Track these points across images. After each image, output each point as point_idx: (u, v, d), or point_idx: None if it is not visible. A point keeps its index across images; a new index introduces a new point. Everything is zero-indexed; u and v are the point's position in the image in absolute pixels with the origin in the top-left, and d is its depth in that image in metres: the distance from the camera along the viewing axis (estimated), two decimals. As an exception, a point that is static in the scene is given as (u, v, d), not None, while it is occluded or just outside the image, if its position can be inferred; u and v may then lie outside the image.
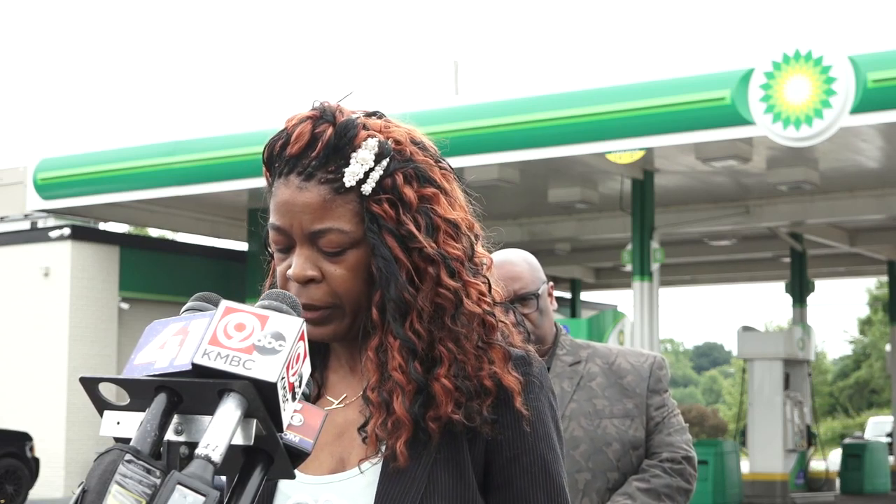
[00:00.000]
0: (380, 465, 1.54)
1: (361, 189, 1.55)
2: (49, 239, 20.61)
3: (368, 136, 1.56)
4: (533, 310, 3.11)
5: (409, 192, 1.57)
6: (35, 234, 21.56)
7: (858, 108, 12.31)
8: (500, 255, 3.16)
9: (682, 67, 13.62)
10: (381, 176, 1.55)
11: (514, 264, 3.16)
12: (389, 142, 1.58)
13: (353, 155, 1.55)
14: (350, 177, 1.54)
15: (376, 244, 1.55)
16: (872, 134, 13.97)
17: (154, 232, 28.78)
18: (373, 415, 1.54)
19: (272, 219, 1.58)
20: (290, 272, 1.56)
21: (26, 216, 25.17)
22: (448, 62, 18.64)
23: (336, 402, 1.62)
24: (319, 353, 1.66)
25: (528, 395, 1.59)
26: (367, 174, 1.55)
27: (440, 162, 1.64)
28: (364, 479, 1.54)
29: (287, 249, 1.59)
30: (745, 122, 12.85)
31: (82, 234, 20.70)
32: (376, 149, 1.55)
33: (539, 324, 3.12)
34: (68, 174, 17.84)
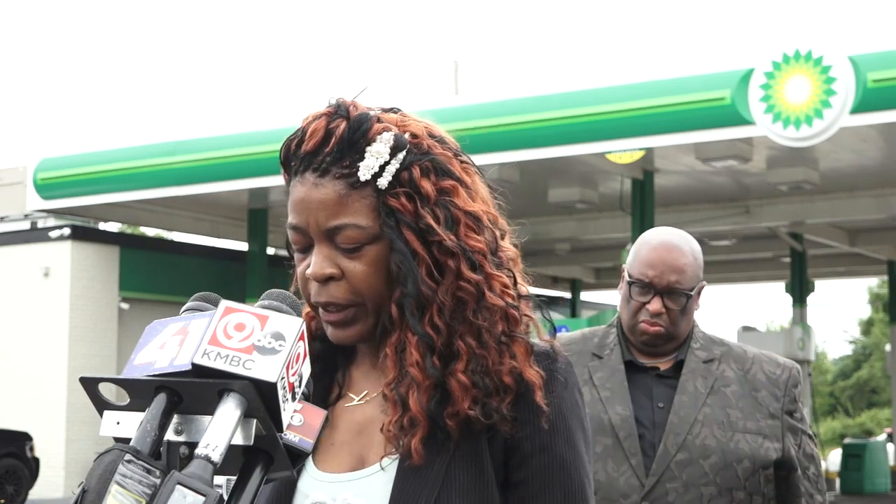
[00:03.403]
0: (397, 462, 1.52)
1: (377, 183, 1.52)
2: (49, 239, 20.61)
3: (384, 129, 1.54)
4: (677, 307, 2.80)
5: (427, 185, 1.54)
6: (35, 234, 21.56)
7: (858, 108, 12.31)
8: (665, 236, 2.85)
9: (682, 67, 13.61)
10: (397, 169, 1.53)
11: (682, 254, 2.80)
12: (406, 135, 1.56)
13: (368, 149, 1.52)
14: (365, 170, 1.52)
15: (394, 239, 1.52)
16: (872, 134, 13.96)
17: (151, 232, 28.77)
18: (390, 412, 1.53)
19: (290, 218, 1.56)
20: (308, 271, 1.54)
21: (26, 216, 25.15)
22: (448, 62, 18.65)
23: (357, 398, 1.60)
24: (344, 351, 1.64)
25: (550, 390, 1.55)
26: (382, 168, 1.52)
27: (460, 155, 1.61)
28: (383, 477, 1.52)
29: (306, 249, 1.56)
30: (745, 122, 12.84)
31: (82, 234, 20.70)
32: (392, 142, 1.53)
33: (676, 322, 2.81)
34: (68, 174, 17.83)
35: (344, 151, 1.52)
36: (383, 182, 1.52)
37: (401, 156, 1.54)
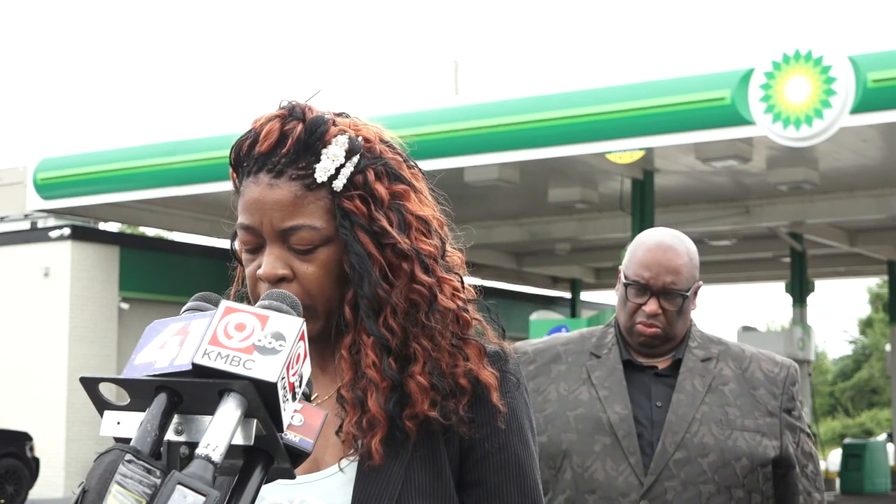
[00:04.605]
0: (356, 463, 1.53)
1: (333, 185, 1.54)
2: (49, 239, 20.61)
3: (339, 132, 1.56)
4: (674, 308, 2.78)
5: (381, 189, 1.56)
6: (35, 234, 21.56)
7: (858, 108, 12.30)
8: (660, 237, 2.83)
9: (682, 67, 13.61)
10: (352, 172, 1.55)
11: (677, 254, 2.78)
12: (359, 139, 1.57)
13: (324, 151, 1.54)
14: (321, 172, 1.53)
15: (349, 240, 1.53)
16: (872, 134, 13.96)
17: (151, 232, 28.77)
18: (347, 413, 1.53)
19: (241, 218, 1.58)
20: (260, 272, 1.55)
21: (26, 216, 25.16)
22: (448, 62, 18.63)
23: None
24: None
25: (505, 391, 1.58)
26: (338, 170, 1.54)
27: (408, 161, 1.63)
28: (340, 479, 1.53)
29: (256, 250, 1.57)
30: (745, 122, 12.84)
31: (82, 234, 20.70)
32: (347, 145, 1.55)
33: (673, 323, 2.79)
34: (68, 174, 17.83)
35: (300, 153, 1.54)
36: (338, 184, 1.54)
37: (355, 159, 1.55)
